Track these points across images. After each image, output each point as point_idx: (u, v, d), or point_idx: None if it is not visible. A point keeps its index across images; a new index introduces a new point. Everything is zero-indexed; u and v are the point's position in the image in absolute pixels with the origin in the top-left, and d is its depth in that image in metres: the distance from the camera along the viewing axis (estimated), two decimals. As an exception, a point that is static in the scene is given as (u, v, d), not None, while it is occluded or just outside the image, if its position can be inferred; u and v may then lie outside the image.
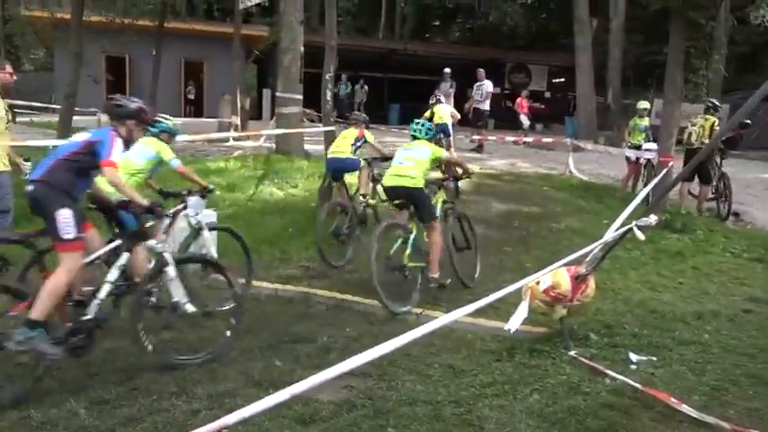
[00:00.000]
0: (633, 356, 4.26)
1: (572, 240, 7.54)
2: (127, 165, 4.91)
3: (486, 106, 15.22)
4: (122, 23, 14.68)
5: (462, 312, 2.76)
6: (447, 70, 15.34)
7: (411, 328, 2.66)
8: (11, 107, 6.71)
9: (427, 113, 11.14)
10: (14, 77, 6.05)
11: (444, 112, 11.27)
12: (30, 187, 3.80)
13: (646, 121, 10.79)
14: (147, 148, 5.25)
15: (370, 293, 5.48)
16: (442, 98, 12.00)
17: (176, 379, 3.87)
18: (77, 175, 3.88)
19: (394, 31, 31.86)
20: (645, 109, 10.88)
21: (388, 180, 5.99)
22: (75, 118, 11.27)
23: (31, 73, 27.70)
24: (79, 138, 4.12)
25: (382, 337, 4.51)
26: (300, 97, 11.51)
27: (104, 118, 5.26)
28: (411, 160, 5.92)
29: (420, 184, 5.84)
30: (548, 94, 28.10)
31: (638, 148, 10.49)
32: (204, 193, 5.32)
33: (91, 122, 13.62)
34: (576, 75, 22.02)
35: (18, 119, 10.91)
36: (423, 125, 6.25)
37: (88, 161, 3.89)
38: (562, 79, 27.46)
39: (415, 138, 6.19)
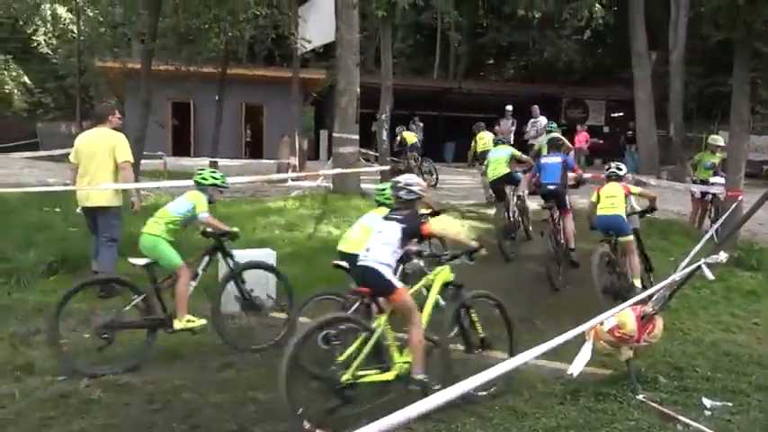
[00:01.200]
0: (707, 402, 4.05)
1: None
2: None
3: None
4: (187, 71, 15.35)
5: (528, 357, 2.68)
6: (509, 107, 15.30)
7: (472, 370, 2.61)
8: None
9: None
10: (122, 121, 6.76)
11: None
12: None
13: (716, 158, 10.10)
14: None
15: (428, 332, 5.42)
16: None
17: (236, 417, 3.91)
18: None
19: (448, 71, 32.18)
20: (718, 145, 10.08)
21: None
22: (142, 161, 11.77)
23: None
24: None
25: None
26: (357, 137, 11.70)
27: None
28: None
29: None
30: (606, 129, 27.62)
31: (705, 183, 10.00)
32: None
33: (158, 165, 14.26)
34: (636, 108, 21.61)
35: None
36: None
37: None
38: (621, 113, 26.98)
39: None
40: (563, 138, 10.32)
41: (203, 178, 5.64)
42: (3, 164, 15.57)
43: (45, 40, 28.73)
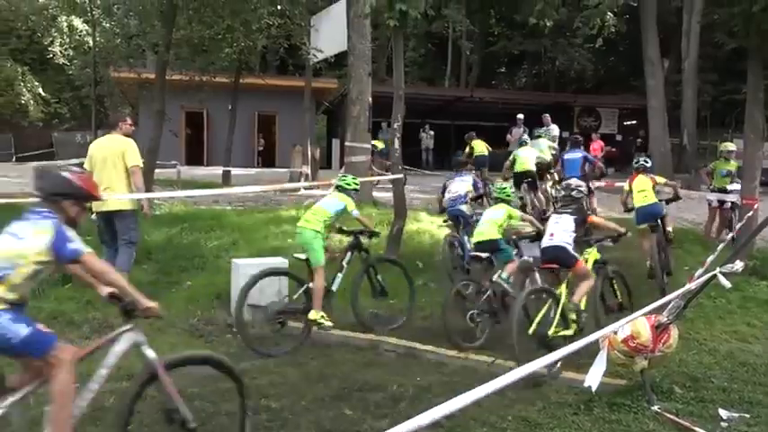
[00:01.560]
0: (723, 413, 4.00)
1: (651, 287, 7.22)
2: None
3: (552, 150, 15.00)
4: (201, 81, 15.51)
5: (539, 364, 2.67)
6: (520, 116, 15.30)
7: (482, 378, 2.60)
8: None
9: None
10: (134, 128, 7.07)
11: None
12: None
13: (731, 165, 9.83)
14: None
15: (440, 341, 5.41)
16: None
17: (252, 426, 3.91)
18: None
19: (460, 79, 32.22)
20: (730, 152, 9.90)
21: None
22: (156, 171, 11.88)
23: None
24: None
25: (454, 387, 4.44)
26: (369, 146, 11.73)
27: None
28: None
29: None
30: (619, 137, 27.50)
31: (723, 191, 9.74)
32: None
33: (172, 174, 14.37)
34: (649, 116, 21.49)
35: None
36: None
37: None
38: (634, 121, 26.86)
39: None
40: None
41: (347, 183, 6.53)
42: (20, 173, 15.76)
43: (61, 52, 29.10)
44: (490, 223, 6.61)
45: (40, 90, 29.38)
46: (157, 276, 7.24)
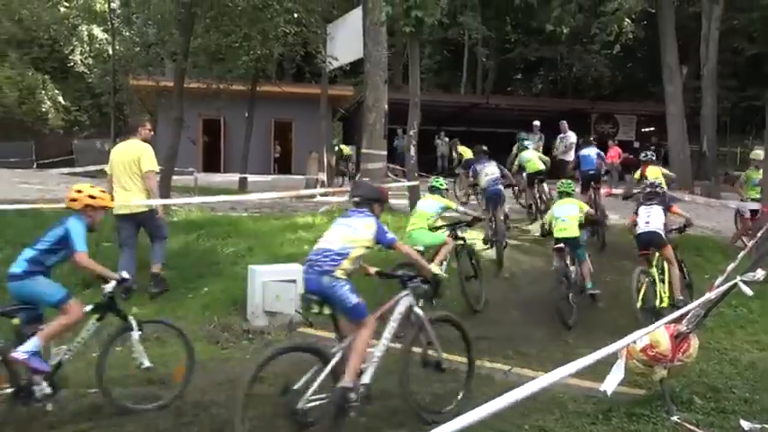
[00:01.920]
0: (745, 424, 3.92)
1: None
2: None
3: (570, 157, 14.90)
4: (218, 89, 15.65)
5: (559, 374, 2.62)
6: (536, 123, 15.25)
7: (499, 388, 2.58)
8: None
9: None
10: (152, 133, 7.41)
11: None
12: None
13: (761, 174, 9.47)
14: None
15: (453, 348, 5.37)
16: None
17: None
18: None
19: (475, 86, 32.19)
20: (761, 160, 9.50)
21: None
22: (174, 177, 11.98)
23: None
24: None
25: (470, 397, 4.41)
26: (385, 153, 11.72)
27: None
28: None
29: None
30: (636, 144, 27.26)
31: (756, 200, 9.40)
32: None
33: (189, 181, 14.49)
34: (667, 123, 21.27)
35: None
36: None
37: None
38: (652, 128, 26.63)
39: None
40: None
41: (440, 184, 7.52)
42: (41, 179, 15.99)
43: (81, 60, 29.59)
44: (572, 219, 7.36)
45: (61, 98, 29.85)
46: (175, 282, 7.28)
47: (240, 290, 6.88)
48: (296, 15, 13.43)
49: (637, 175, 9.40)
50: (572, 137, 14.86)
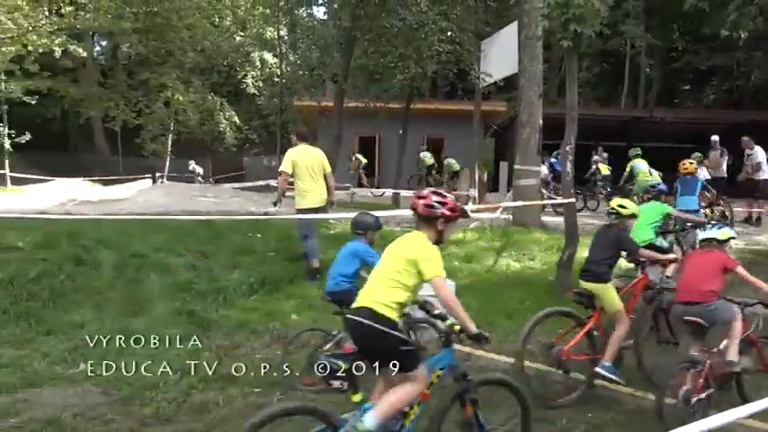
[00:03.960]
0: None
1: None
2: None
3: (762, 176, 13.38)
4: (375, 107, 16.28)
5: (735, 415, 2.34)
6: (715, 138, 14.08)
7: (661, 422, 2.40)
8: None
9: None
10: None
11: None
12: None
13: None
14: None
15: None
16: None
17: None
18: None
19: (637, 99, 30.35)
20: None
21: None
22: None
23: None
24: None
25: (627, 428, 4.16)
26: (539, 169, 11.47)
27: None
28: None
29: None
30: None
31: None
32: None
33: (345, 196, 15.16)
34: None
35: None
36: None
37: None
38: None
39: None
40: None
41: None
42: (215, 193, 17.59)
43: (253, 83, 32.27)
44: None
45: (236, 119, 32.75)
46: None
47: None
48: (450, 34, 13.63)
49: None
50: (759, 155, 13.38)
